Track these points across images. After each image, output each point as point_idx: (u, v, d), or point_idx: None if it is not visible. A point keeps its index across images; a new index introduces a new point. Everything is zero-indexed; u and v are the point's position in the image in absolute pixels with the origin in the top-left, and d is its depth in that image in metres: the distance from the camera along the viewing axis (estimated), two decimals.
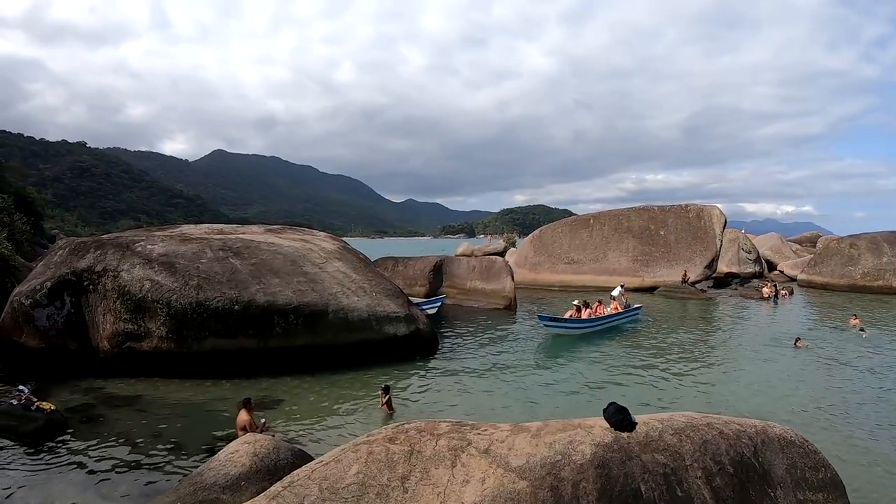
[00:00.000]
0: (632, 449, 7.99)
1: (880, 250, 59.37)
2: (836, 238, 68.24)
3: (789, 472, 9.18)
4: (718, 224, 55.42)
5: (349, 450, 8.14)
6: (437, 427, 8.41)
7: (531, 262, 59.05)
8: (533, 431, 8.22)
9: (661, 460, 8.01)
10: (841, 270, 59.82)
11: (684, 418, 9.00)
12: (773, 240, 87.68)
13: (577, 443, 7.88)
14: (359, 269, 26.90)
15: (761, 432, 9.41)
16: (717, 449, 8.55)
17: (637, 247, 55.94)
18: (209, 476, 10.91)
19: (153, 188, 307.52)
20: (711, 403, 19.39)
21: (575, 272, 56.06)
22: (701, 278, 53.72)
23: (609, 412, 8.52)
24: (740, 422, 9.55)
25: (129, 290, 21.89)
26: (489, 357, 26.24)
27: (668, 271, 53.25)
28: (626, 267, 53.93)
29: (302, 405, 18.86)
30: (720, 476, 8.31)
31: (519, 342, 29.32)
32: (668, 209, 57.78)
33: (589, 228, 58.61)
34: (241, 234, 27.18)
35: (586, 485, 7.47)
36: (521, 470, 7.50)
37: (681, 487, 7.93)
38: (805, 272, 63.88)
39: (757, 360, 26.24)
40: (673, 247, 55.03)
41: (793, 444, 9.62)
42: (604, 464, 7.69)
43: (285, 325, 22.60)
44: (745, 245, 71.79)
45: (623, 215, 58.65)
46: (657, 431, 8.38)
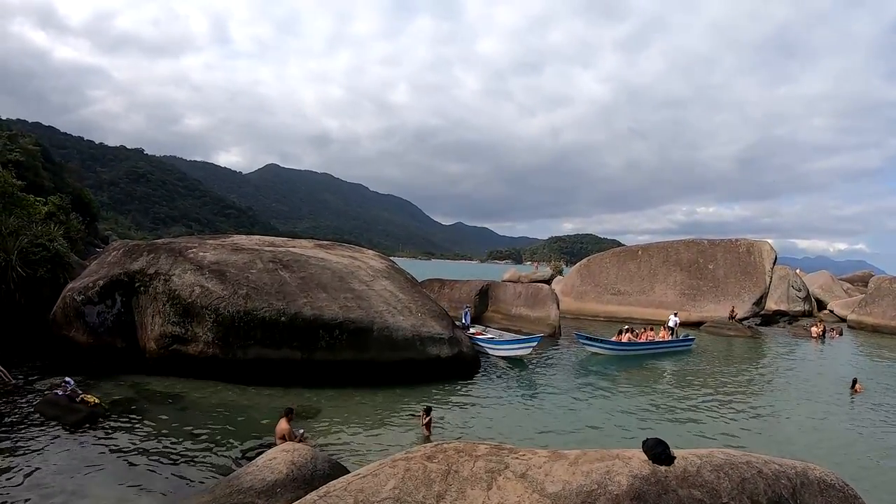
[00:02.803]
0: (669, 483, 7.95)
1: None
2: (890, 278, 66.73)
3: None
4: (769, 260, 54.71)
5: (387, 465, 8.22)
6: (475, 448, 8.46)
7: (577, 290, 58.83)
8: (571, 459, 8.23)
9: (698, 496, 7.94)
10: (893, 312, 58.62)
11: (724, 455, 8.92)
12: (824, 278, 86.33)
13: (615, 473, 7.88)
14: (405, 288, 27.08)
15: (801, 474, 9.27)
16: (755, 488, 8.44)
17: (685, 280, 55.45)
18: (246, 480, 11.06)
19: (206, 197, 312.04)
20: (754, 442, 19.13)
21: (620, 303, 55.73)
22: (749, 315, 53.07)
23: (648, 445, 8.50)
24: (780, 462, 9.43)
25: (180, 294, 22.34)
26: (530, 382, 26.27)
27: (716, 306, 52.63)
28: (673, 300, 53.42)
29: (342, 419, 18.95)
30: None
31: (561, 369, 29.17)
32: (718, 243, 57.18)
33: (637, 260, 58.26)
34: (291, 247, 27.50)
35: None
36: (556, 496, 7.51)
37: None
38: (856, 312, 62.74)
39: (803, 401, 25.79)
40: (721, 282, 54.41)
41: (833, 488, 9.46)
42: (640, 496, 7.67)
43: (330, 339, 22.80)
44: (795, 282, 70.82)
45: (672, 248, 58.20)
46: (695, 467, 8.32)
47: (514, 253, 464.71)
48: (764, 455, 9.68)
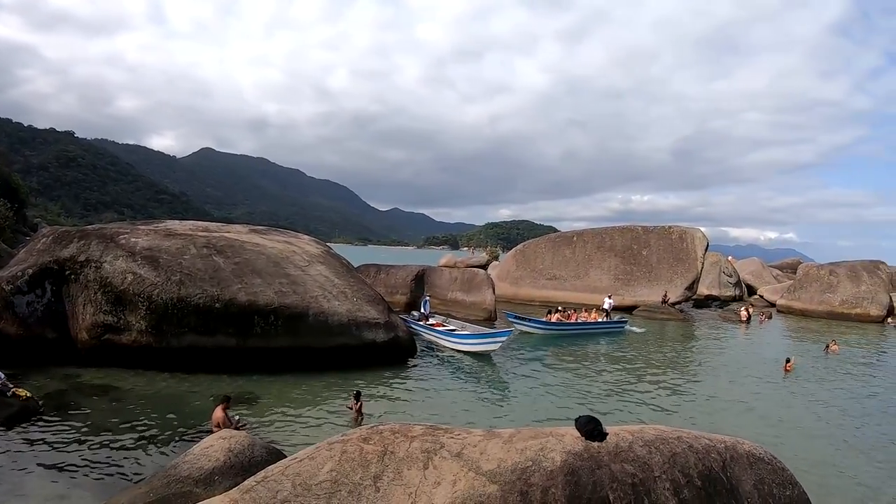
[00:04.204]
0: (601, 458, 8.09)
1: (859, 279, 60.63)
2: (817, 265, 69.24)
3: (756, 488, 9.32)
4: (700, 247, 55.74)
5: (323, 448, 8.21)
6: (411, 429, 8.50)
7: (513, 276, 59.21)
8: (505, 438, 8.33)
9: (630, 470, 8.11)
10: (820, 297, 61.18)
11: (655, 431, 9.14)
12: (755, 265, 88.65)
13: (548, 450, 7.99)
14: (341, 274, 26.93)
15: (731, 448, 9.55)
16: (685, 462, 8.67)
17: (619, 266, 56.18)
18: (183, 469, 10.96)
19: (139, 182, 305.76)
20: (685, 419, 19.75)
21: (556, 288, 56.26)
22: (681, 299, 54.12)
23: (581, 422, 8.64)
24: (710, 437, 9.69)
25: (112, 281, 21.90)
26: (466, 365, 26.50)
27: (649, 291, 53.57)
28: (608, 285, 54.05)
29: (278, 405, 18.86)
30: (688, 488, 8.43)
31: (496, 352, 29.20)
32: (652, 230, 58.03)
33: (572, 246, 58.77)
34: (225, 232, 27.16)
35: (555, 491, 7.57)
36: (491, 474, 7.60)
37: (649, 498, 8.03)
38: (784, 298, 65.01)
39: (734, 380, 26.67)
40: (654, 267, 55.32)
41: (762, 461, 9.78)
42: (573, 471, 7.79)
43: (265, 325, 22.63)
44: (726, 269, 72.44)
45: (606, 234, 58.87)
46: (627, 443, 8.50)
47: (450, 239, 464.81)
48: (695, 431, 9.93)
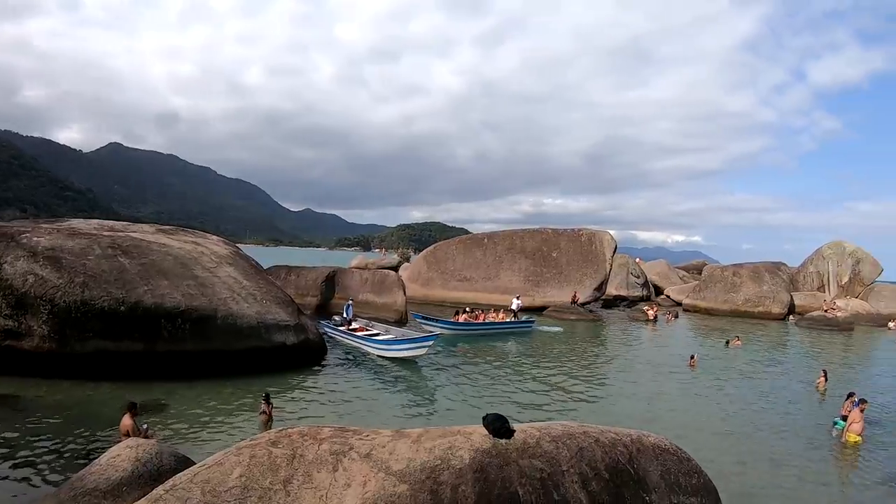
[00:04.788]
0: (509, 455, 8.22)
1: (761, 279, 63.54)
2: (721, 267, 71.86)
3: (663, 478, 9.62)
4: (609, 249, 56.96)
5: (232, 453, 8.13)
6: (319, 432, 8.48)
7: (424, 277, 59.31)
8: (413, 437, 8.38)
9: (539, 466, 8.27)
10: (724, 296, 63.86)
11: (562, 427, 9.33)
12: (661, 266, 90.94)
13: (457, 448, 8.08)
14: (250, 275, 26.56)
15: (637, 441, 9.83)
16: (592, 455, 8.88)
17: (529, 267, 56.83)
18: (90, 480, 10.68)
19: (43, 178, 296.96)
20: (594, 414, 20.17)
21: (467, 289, 56.54)
22: (590, 300, 55.23)
23: (488, 420, 8.76)
24: (616, 431, 9.95)
25: (12, 283, 20.92)
26: (376, 366, 26.44)
27: (559, 292, 54.36)
28: (518, 286, 54.59)
29: (187, 411, 18.48)
30: (595, 481, 8.63)
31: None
32: (562, 232, 58.97)
33: (483, 247, 59.18)
34: (131, 232, 26.50)
35: (465, 488, 7.66)
36: (401, 474, 7.64)
37: (557, 491, 8.19)
38: (690, 297, 67.57)
39: (640, 376, 27.51)
40: (564, 269, 56.19)
41: (667, 452, 10.10)
42: (482, 468, 7.90)
43: (172, 329, 22.07)
44: (634, 270, 74.10)
45: (517, 236, 59.49)
46: (535, 439, 8.65)
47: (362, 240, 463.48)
48: (601, 426, 10.18)
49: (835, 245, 73.76)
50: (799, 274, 74.71)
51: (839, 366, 35.47)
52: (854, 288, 70.84)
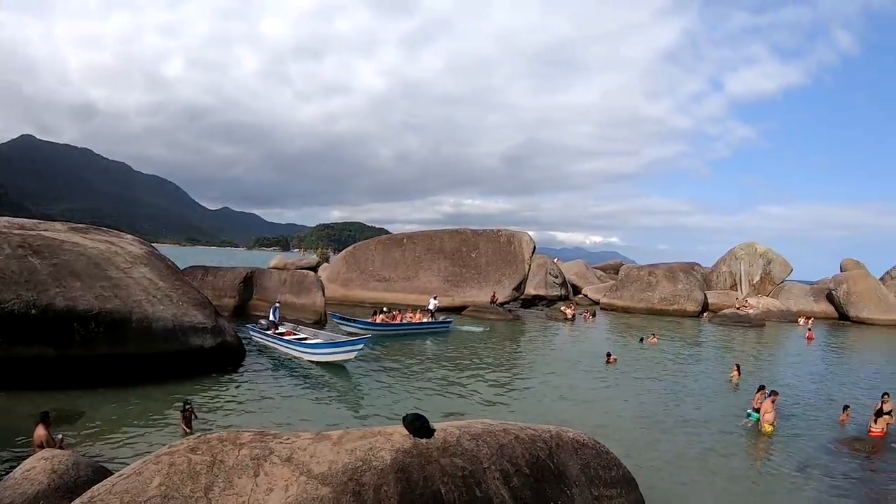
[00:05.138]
0: (431, 454, 8.27)
1: (676, 278, 65.39)
2: (637, 266, 73.92)
3: (583, 472, 9.83)
4: (528, 249, 57.44)
5: (150, 462, 7.98)
6: (239, 437, 8.38)
7: (343, 278, 58.84)
8: (334, 439, 8.35)
9: (460, 464, 8.34)
10: (640, 295, 65.40)
11: (482, 425, 9.43)
12: (579, 266, 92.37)
13: (378, 449, 8.08)
14: (166, 276, 25.95)
15: (556, 436, 10.01)
16: (513, 452, 9.01)
17: (448, 267, 56.88)
18: (5, 495, 10.32)
19: None
20: (515, 412, 20.34)
21: (386, 290, 56.27)
22: (509, 299, 55.61)
23: (408, 420, 8.79)
24: (535, 427, 10.10)
25: None
26: (296, 369, 26.12)
27: (478, 292, 54.58)
28: (437, 286, 54.58)
29: (103, 419, 17.90)
30: (517, 477, 8.76)
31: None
32: (481, 233, 59.22)
33: (402, 248, 59.03)
34: (42, 230, 25.64)
35: (387, 489, 7.67)
36: (323, 477, 7.60)
37: (480, 488, 8.28)
38: (607, 296, 68.87)
39: (560, 374, 27.78)
40: (483, 269, 56.43)
41: (586, 446, 10.33)
42: (404, 468, 7.92)
43: (85, 332, 21.30)
44: (552, 270, 74.93)
45: (436, 237, 59.50)
46: (455, 437, 8.72)
47: (281, 240, 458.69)
48: (520, 423, 10.31)
49: (747, 246, 77.33)
50: (712, 273, 77.71)
51: (751, 360, 36.81)
52: (765, 286, 74.23)
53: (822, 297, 74.93)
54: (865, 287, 70.68)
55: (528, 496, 8.77)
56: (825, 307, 73.39)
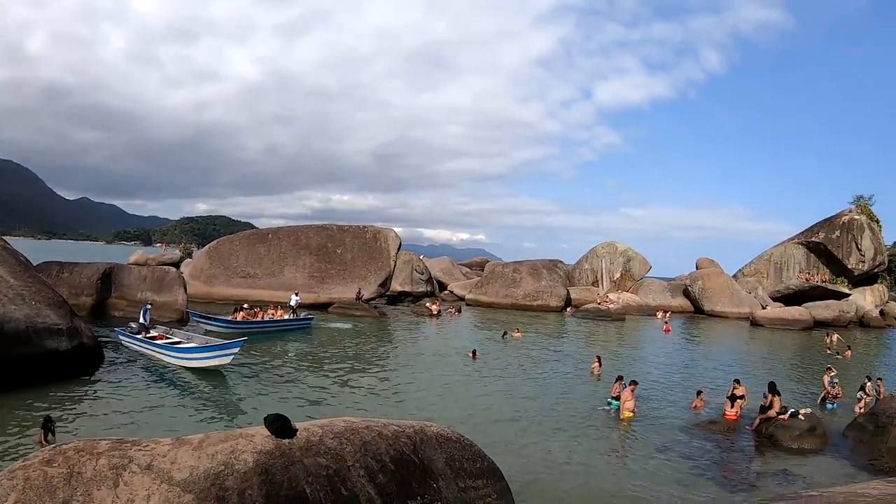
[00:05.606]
0: (294, 454, 8.18)
1: (539, 275, 67.38)
2: (502, 264, 75.68)
3: (448, 465, 9.96)
4: (394, 246, 57.58)
5: (4, 478, 7.60)
6: (96, 446, 8.07)
7: (206, 274, 57.37)
8: (195, 444, 8.14)
9: (324, 463, 8.30)
10: (505, 291, 66.89)
11: (344, 423, 9.41)
12: (445, 263, 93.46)
13: (240, 452, 7.95)
14: (17, 273, 24.62)
15: (419, 431, 10.11)
16: (377, 449, 9.04)
17: (314, 263, 56.40)
18: None
19: None
20: (379, 409, 20.49)
21: (250, 286, 55.23)
22: (375, 296, 55.67)
23: (269, 420, 8.66)
24: (399, 423, 10.18)
25: None
26: (156, 371, 25.22)
27: (344, 288, 54.37)
28: (302, 283, 54.05)
29: None
30: (382, 473, 8.80)
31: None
32: (347, 229, 59.01)
33: (267, 243, 58.13)
34: None
35: (252, 492, 7.55)
36: (185, 483, 7.42)
37: (345, 487, 8.27)
38: (472, 292, 69.98)
39: (425, 370, 28.11)
40: (349, 265, 56.26)
41: (450, 440, 10.48)
42: (267, 470, 7.81)
43: None
44: (418, 267, 75.40)
45: (302, 232, 58.90)
46: (317, 436, 8.66)
47: (143, 234, 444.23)
48: (383, 419, 10.36)
49: (608, 245, 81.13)
50: (575, 270, 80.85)
51: (612, 352, 38.24)
52: (625, 283, 78.26)
53: (678, 293, 79.19)
54: (718, 283, 75.35)
55: (394, 492, 8.82)
56: (682, 302, 77.39)
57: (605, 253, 79.48)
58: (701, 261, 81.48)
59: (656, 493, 14.91)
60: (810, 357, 43.02)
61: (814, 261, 79.14)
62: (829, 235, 77.47)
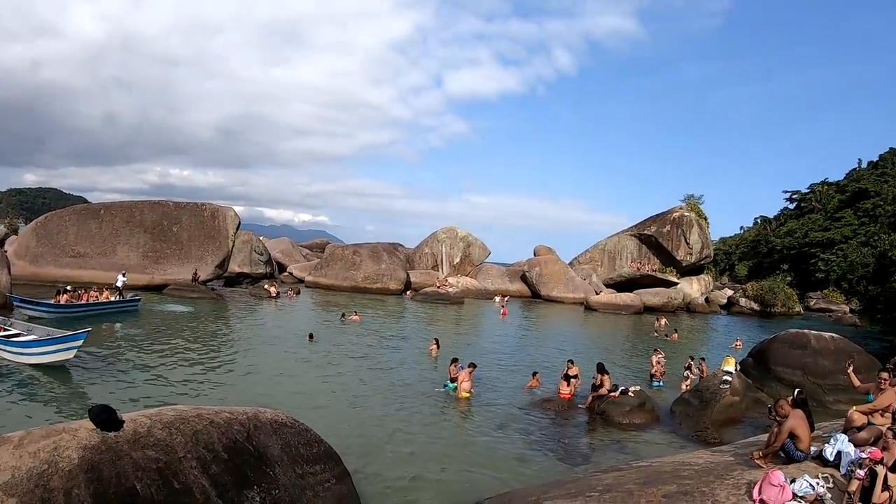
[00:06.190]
0: (121, 448, 7.79)
1: (380, 258, 67.94)
2: (343, 246, 75.55)
3: (284, 451, 9.83)
4: (232, 225, 56.08)
5: None
6: None
7: (33, 253, 53.84)
8: (15, 442, 7.59)
9: (154, 455, 7.96)
10: (345, 274, 66.92)
11: (174, 412, 9.07)
12: (285, 244, 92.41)
13: (63, 448, 7.49)
14: None
15: (253, 418, 9.91)
16: (209, 438, 8.79)
17: (148, 242, 53.96)
18: None
19: None
20: (214, 395, 20.02)
21: (80, 266, 52.20)
22: (212, 277, 54.19)
23: (94, 412, 8.18)
24: (231, 410, 9.92)
25: None
26: None
27: (180, 269, 52.43)
28: (137, 263, 51.80)
29: None
30: (215, 463, 8.56)
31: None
32: (184, 206, 56.84)
33: (99, 219, 55.13)
34: None
35: (79, 491, 7.14)
36: (7, 486, 6.92)
37: (177, 480, 7.98)
38: (312, 274, 69.72)
39: (262, 354, 27.58)
40: (185, 245, 54.34)
41: (285, 426, 10.35)
42: (94, 467, 7.41)
43: None
44: (257, 247, 74.11)
45: (136, 208, 56.01)
46: (146, 428, 8.29)
47: None
48: (215, 406, 10.07)
49: (448, 230, 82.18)
50: (416, 254, 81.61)
51: (450, 334, 38.86)
52: (464, 267, 79.76)
53: (516, 278, 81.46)
54: (555, 270, 78.18)
55: (229, 482, 8.59)
56: (520, 287, 79.67)
57: (445, 238, 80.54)
58: (539, 248, 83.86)
59: (496, 469, 15.34)
60: (640, 339, 45.60)
61: (645, 252, 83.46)
62: (660, 229, 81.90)
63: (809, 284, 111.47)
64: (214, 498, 8.24)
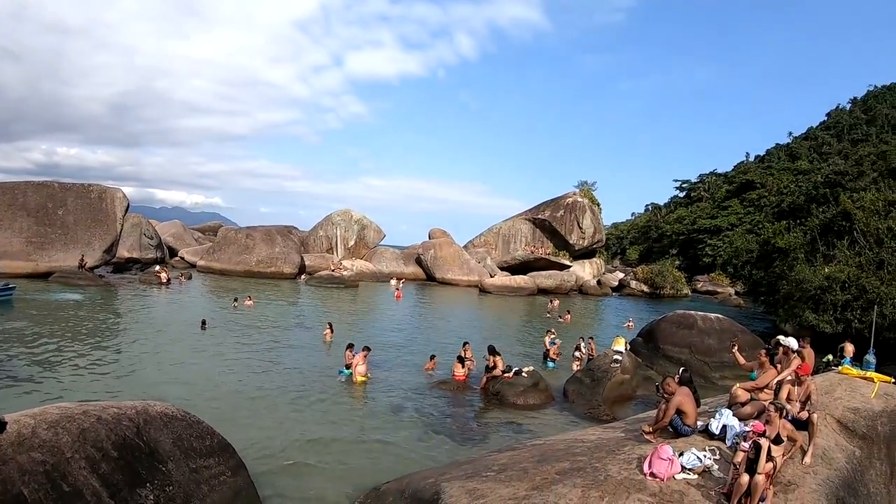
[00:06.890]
0: (5, 452, 7.43)
1: (273, 241, 67.07)
2: (236, 229, 74.36)
3: (176, 445, 9.62)
4: (121, 208, 54.44)
5: None
6: None
7: None
8: None
9: (40, 458, 7.65)
10: (238, 258, 65.91)
11: (58, 410, 8.74)
12: (176, 227, 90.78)
13: None
14: None
15: (142, 412, 9.65)
16: (97, 436, 8.51)
17: (32, 227, 51.49)
18: None
19: None
20: (101, 390, 19.18)
21: None
22: (100, 263, 52.68)
23: None
24: (119, 405, 9.64)
25: None
26: None
27: (66, 255, 50.58)
28: (19, 250, 49.59)
29: None
30: (105, 462, 8.31)
31: None
32: (70, 187, 54.50)
33: None
34: None
35: None
36: None
37: (66, 482, 7.71)
38: (204, 259, 68.54)
39: (153, 344, 26.70)
40: (71, 229, 52.32)
41: (175, 419, 10.12)
42: None
43: None
44: (147, 231, 72.51)
45: (19, 190, 53.19)
46: (30, 428, 7.95)
47: None
48: (102, 402, 9.77)
49: (343, 213, 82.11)
50: (310, 237, 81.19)
51: (345, 319, 38.80)
52: (359, 250, 79.83)
53: (411, 261, 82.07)
54: (450, 253, 78.95)
55: (121, 481, 8.36)
56: (415, 269, 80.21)
57: (340, 220, 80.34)
58: (434, 231, 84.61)
59: (393, 453, 15.47)
60: (534, 320, 46.54)
61: (539, 235, 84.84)
62: (554, 214, 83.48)
63: (697, 268, 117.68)
64: (106, 499, 8.01)
